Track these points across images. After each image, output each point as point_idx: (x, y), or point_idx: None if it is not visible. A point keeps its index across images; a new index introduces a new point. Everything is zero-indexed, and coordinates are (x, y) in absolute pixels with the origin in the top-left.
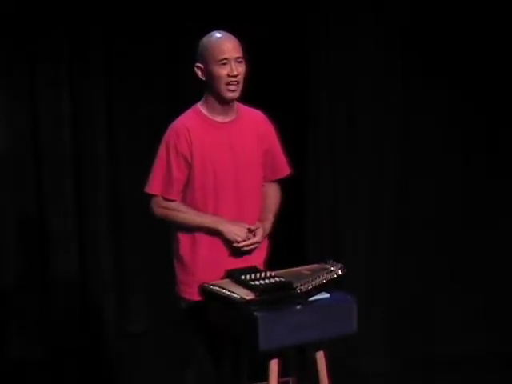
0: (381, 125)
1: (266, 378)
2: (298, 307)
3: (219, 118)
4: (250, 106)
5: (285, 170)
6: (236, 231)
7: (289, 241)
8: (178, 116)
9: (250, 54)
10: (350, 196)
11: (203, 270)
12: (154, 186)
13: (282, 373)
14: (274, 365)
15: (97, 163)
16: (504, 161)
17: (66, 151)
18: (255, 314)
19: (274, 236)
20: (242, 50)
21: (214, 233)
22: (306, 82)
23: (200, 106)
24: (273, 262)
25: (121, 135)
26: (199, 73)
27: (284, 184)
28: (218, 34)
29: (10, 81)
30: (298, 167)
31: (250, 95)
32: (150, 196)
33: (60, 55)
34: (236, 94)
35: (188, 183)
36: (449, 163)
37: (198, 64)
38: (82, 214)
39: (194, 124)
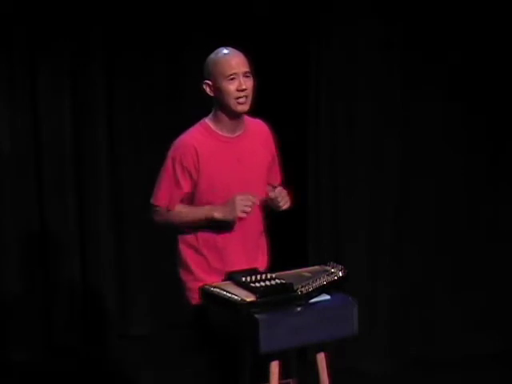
0: (381, 124)
1: (266, 379)
2: (299, 309)
3: (227, 134)
4: (251, 116)
5: (278, 179)
6: (235, 209)
7: (289, 242)
8: (178, 116)
9: (250, 54)
10: (351, 196)
11: (208, 275)
12: (160, 198)
13: (283, 374)
14: (274, 367)
15: (97, 163)
16: (505, 160)
17: (67, 151)
18: (256, 316)
19: (275, 238)
20: (249, 64)
21: (213, 221)
22: (306, 82)
23: (208, 121)
24: (274, 264)
25: (121, 135)
26: (207, 89)
27: (284, 184)
28: (225, 51)
29: (11, 81)
30: (299, 168)
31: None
32: (153, 206)
33: (61, 56)
34: (246, 108)
35: (195, 198)
36: (449, 163)
37: (206, 81)
38: (83, 214)
39: (201, 140)
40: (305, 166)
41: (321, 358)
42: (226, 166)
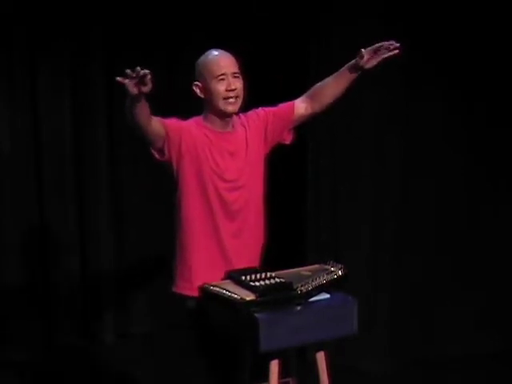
0: (383, 124)
1: (266, 378)
2: (298, 308)
3: (220, 130)
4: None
5: (291, 106)
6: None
7: (289, 240)
8: (178, 116)
9: (250, 55)
10: (351, 195)
11: (204, 265)
12: None
13: (283, 373)
14: (274, 365)
15: (97, 163)
16: (505, 160)
17: (67, 151)
18: (255, 315)
19: (274, 236)
20: (239, 66)
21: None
22: (306, 82)
23: (200, 119)
24: (273, 263)
25: (121, 135)
26: (198, 91)
27: (285, 185)
28: (214, 52)
29: (11, 81)
30: (299, 168)
31: (252, 95)
32: None
33: (61, 56)
34: (235, 108)
35: (187, 190)
36: (449, 163)
37: (196, 82)
38: (83, 214)
39: (195, 128)
40: (305, 166)
41: (320, 357)
42: (217, 156)
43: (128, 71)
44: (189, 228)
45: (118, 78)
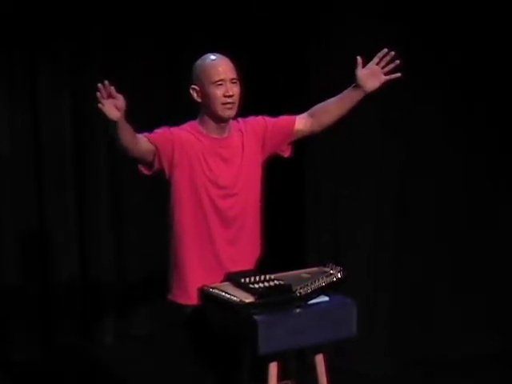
0: (382, 124)
1: (265, 380)
2: (298, 310)
3: (215, 135)
4: (244, 116)
5: (292, 119)
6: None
7: (288, 240)
8: (178, 116)
9: (250, 55)
10: (351, 196)
11: (198, 273)
12: None
13: (282, 376)
14: (273, 368)
15: (97, 163)
16: (505, 160)
17: (67, 151)
18: (255, 317)
19: (274, 237)
20: (236, 71)
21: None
22: (306, 81)
23: (195, 123)
24: (272, 265)
25: None
26: (195, 95)
27: (286, 187)
28: (212, 57)
29: (11, 81)
30: (298, 170)
31: (251, 96)
32: None
33: (61, 56)
34: (232, 113)
35: (180, 198)
36: (449, 163)
37: (193, 86)
38: (83, 214)
39: (186, 133)
40: (305, 167)
41: (319, 359)
42: (212, 162)
43: (99, 85)
44: (183, 236)
45: (99, 105)
